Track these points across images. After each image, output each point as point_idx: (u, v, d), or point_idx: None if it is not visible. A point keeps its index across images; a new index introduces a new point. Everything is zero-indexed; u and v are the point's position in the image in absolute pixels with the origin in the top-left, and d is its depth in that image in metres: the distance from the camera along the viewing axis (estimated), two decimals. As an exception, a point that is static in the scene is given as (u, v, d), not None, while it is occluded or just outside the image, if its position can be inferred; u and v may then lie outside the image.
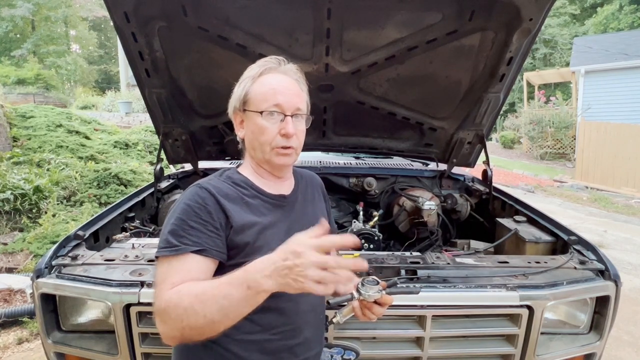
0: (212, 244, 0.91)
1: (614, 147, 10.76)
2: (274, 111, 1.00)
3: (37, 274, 1.37)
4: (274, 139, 1.00)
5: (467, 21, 1.78)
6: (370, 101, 2.23)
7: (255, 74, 1.03)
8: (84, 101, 15.48)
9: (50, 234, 4.18)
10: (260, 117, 1.00)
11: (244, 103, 1.03)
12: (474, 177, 2.74)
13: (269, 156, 1.03)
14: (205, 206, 0.93)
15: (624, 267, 4.67)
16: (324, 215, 1.21)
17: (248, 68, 1.07)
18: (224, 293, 0.78)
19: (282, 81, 1.03)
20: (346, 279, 0.74)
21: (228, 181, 1.03)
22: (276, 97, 1.00)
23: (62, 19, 23.91)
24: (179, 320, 0.80)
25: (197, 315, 0.78)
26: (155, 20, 1.77)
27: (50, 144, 6.66)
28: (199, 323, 0.79)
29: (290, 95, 1.02)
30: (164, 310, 0.82)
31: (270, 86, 1.01)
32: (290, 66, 1.06)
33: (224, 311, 0.78)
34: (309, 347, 1.06)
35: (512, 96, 20.08)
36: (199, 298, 0.79)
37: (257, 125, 1.01)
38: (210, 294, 0.79)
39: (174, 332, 0.83)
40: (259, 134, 1.01)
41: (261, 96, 1.01)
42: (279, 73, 1.04)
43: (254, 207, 1.01)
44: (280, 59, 1.06)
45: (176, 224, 0.92)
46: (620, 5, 21.83)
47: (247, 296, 0.77)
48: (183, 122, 2.26)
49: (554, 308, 1.47)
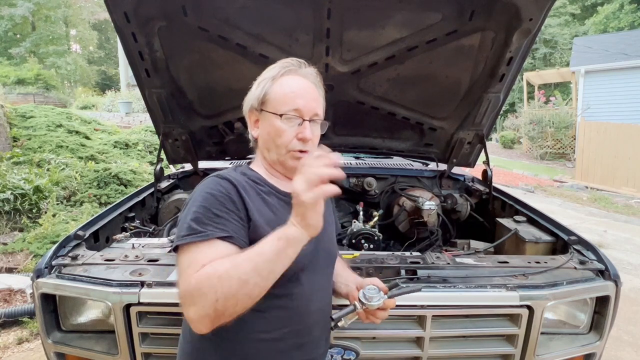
0: (239, 232, 0.91)
1: (614, 147, 10.76)
2: (293, 115, 1.00)
3: (37, 274, 1.37)
4: (291, 142, 1.01)
5: (467, 21, 1.78)
6: (370, 101, 2.23)
7: (276, 74, 1.03)
8: (84, 101, 15.48)
9: (50, 234, 4.18)
10: (278, 119, 1.00)
11: (262, 103, 1.03)
12: (474, 177, 2.74)
13: (283, 158, 1.03)
14: (229, 195, 0.93)
15: (624, 267, 4.67)
16: (329, 211, 1.23)
17: (268, 68, 1.06)
18: (257, 250, 0.83)
19: (302, 85, 1.03)
20: (331, 163, 0.84)
21: (244, 177, 1.03)
22: (296, 101, 1.00)
23: (62, 19, 23.90)
24: (212, 292, 0.79)
25: (231, 280, 0.80)
26: (155, 20, 1.77)
27: (50, 144, 6.66)
28: (234, 288, 0.80)
29: (309, 99, 1.02)
30: (196, 286, 0.80)
31: (290, 89, 1.01)
32: (311, 70, 1.06)
33: (258, 269, 0.81)
34: (317, 346, 1.08)
35: (512, 96, 20.09)
36: (233, 262, 0.82)
37: (275, 127, 1.01)
38: (244, 255, 0.83)
39: (205, 310, 0.80)
40: (276, 136, 1.01)
41: (281, 98, 1.00)
42: (299, 76, 1.04)
43: (270, 203, 1.01)
44: (301, 61, 1.06)
45: (199, 212, 0.90)
46: (621, 5, 21.83)
47: (279, 249, 0.83)
48: (183, 122, 2.26)
49: (554, 308, 1.47)
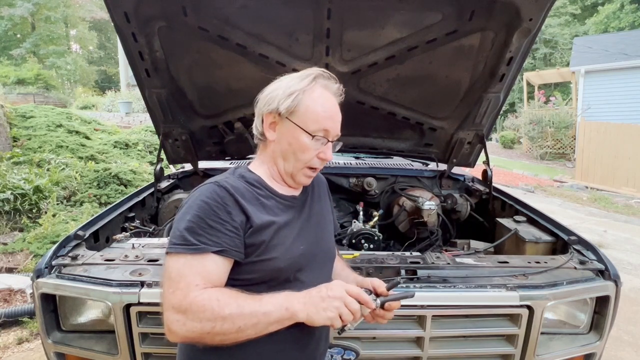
0: (232, 244, 0.92)
1: (614, 147, 10.75)
2: (321, 137, 1.01)
3: (37, 274, 1.37)
4: (312, 159, 1.03)
5: (467, 21, 1.78)
6: (370, 101, 2.23)
7: (308, 87, 1.01)
8: (84, 101, 15.47)
9: (50, 234, 4.18)
10: (306, 136, 1.00)
11: (290, 113, 1.00)
12: (474, 177, 2.74)
13: (297, 173, 1.04)
14: (224, 205, 0.93)
15: (624, 267, 4.67)
16: (329, 214, 1.23)
17: (299, 75, 1.04)
18: (264, 310, 0.87)
19: (332, 105, 1.03)
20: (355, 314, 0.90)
21: (242, 180, 1.03)
22: (327, 123, 1.01)
23: (61, 19, 23.88)
24: (209, 326, 0.84)
25: (232, 325, 0.85)
26: (155, 20, 1.77)
27: (50, 144, 6.66)
28: (230, 331, 0.86)
29: (337, 122, 1.04)
30: (195, 313, 0.84)
31: (323, 108, 1.01)
32: (338, 86, 1.06)
33: (257, 326, 0.87)
34: (317, 346, 1.08)
35: (512, 96, 20.10)
36: (240, 310, 0.86)
37: (300, 142, 1.01)
38: (251, 309, 0.87)
39: (192, 335, 0.85)
40: (299, 151, 1.02)
41: (313, 116, 1.00)
42: (330, 93, 1.04)
43: (268, 207, 1.01)
44: (332, 75, 1.06)
45: (194, 221, 0.91)
46: (621, 5, 21.83)
47: (282, 317, 0.88)
48: (183, 122, 2.26)
49: (554, 308, 1.47)
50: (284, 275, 0.98)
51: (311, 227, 1.09)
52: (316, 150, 1.02)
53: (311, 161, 1.03)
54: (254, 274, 0.96)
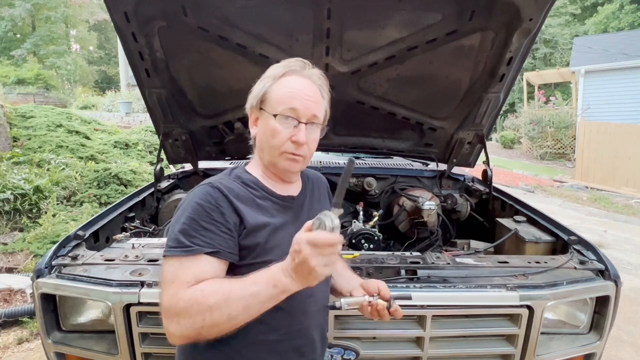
0: (225, 245, 0.91)
1: (614, 147, 10.75)
2: (288, 116, 0.97)
3: (37, 274, 1.37)
4: (284, 144, 0.98)
5: (467, 21, 1.78)
6: (370, 101, 2.23)
7: (277, 74, 1.01)
8: (84, 101, 15.47)
9: (50, 234, 4.18)
10: (273, 119, 0.98)
11: (262, 102, 1.01)
12: (474, 177, 2.74)
13: (276, 160, 1.01)
14: (218, 207, 0.92)
15: (624, 267, 4.67)
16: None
17: (271, 67, 1.05)
18: (251, 291, 0.83)
19: (302, 85, 0.99)
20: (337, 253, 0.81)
21: (237, 181, 1.02)
22: (293, 101, 0.97)
23: (61, 19, 23.89)
24: (200, 319, 0.82)
25: (221, 313, 0.82)
26: (155, 20, 1.77)
27: (50, 144, 6.66)
28: (222, 320, 0.82)
29: (308, 101, 0.99)
30: (184, 308, 0.83)
31: (289, 89, 0.98)
32: (315, 71, 1.04)
33: (248, 309, 0.83)
34: (315, 348, 1.07)
35: (512, 96, 20.09)
36: (226, 296, 0.82)
37: (269, 127, 0.99)
38: (237, 292, 0.83)
39: (188, 331, 0.83)
40: (270, 137, 0.99)
41: (278, 98, 0.98)
42: (302, 77, 1.01)
43: (264, 208, 1.00)
44: (305, 62, 1.04)
45: (187, 223, 0.90)
46: (621, 5, 21.84)
47: (273, 294, 0.83)
48: (183, 122, 2.26)
49: (554, 308, 1.47)
50: None
51: None
52: (287, 134, 0.97)
53: (283, 146, 0.98)
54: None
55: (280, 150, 0.99)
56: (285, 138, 0.98)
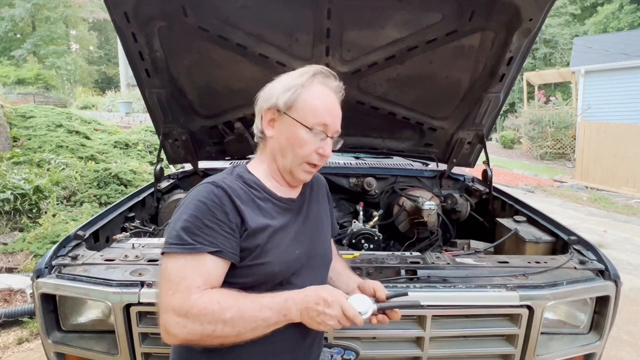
0: (228, 245, 0.91)
1: (614, 147, 10.75)
2: (319, 131, 1.00)
3: (37, 274, 1.37)
4: (310, 155, 1.01)
5: (467, 21, 1.78)
6: (370, 101, 2.23)
7: (307, 82, 1.01)
8: (84, 101, 15.46)
9: (50, 234, 4.18)
10: (305, 130, 0.99)
11: (289, 108, 1.00)
12: (474, 177, 2.74)
13: (296, 169, 1.02)
14: (221, 206, 0.92)
15: (624, 267, 4.67)
16: (327, 216, 1.21)
17: (297, 72, 1.04)
18: (263, 316, 0.88)
19: (332, 100, 1.03)
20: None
21: (239, 181, 1.01)
22: (325, 117, 1.00)
23: (61, 19, 23.88)
24: (210, 329, 0.85)
25: (232, 329, 0.86)
26: (155, 20, 1.77)
27: (50, 144, 6.66)
28: (230, 334, 0.87)
29: (336, 117, 1.03)
30: (197, 315, 0.84)
31: (322, 102, 1.00)
32: (338, 84, 1.06)
33: (256, 330, 0.89)
34: (310, 350, 1.07)
35: (512, 96, 20.09)
36: (240, 314, 0.87)
37: (298, 137, 0.99)
38: (250, 313, 0.88)
39: (191, 336, 0.86)
40: (297, 146, 1.00)
41: (312, 110, 0.99)
42: (329, 89, 1.03)
43: (264, 210, 1.00)
44: (331, 72, 1.05)
45: (190, 221, 0.90)
46: (620, 5, 21.85)
47: (280, 321, 0.90)
48: (183, 122, 2.26)
49: (554, 308, 1.47)
50: (277, 279, 0.98)
51: (307, 230, 1.08)
52: (315, 146, 1.00)
53: (310, 157, 1.01)
54: (248, 278, 0.95)
55: (304, 160, 1.02)
56: (312, 150, 1.01)
